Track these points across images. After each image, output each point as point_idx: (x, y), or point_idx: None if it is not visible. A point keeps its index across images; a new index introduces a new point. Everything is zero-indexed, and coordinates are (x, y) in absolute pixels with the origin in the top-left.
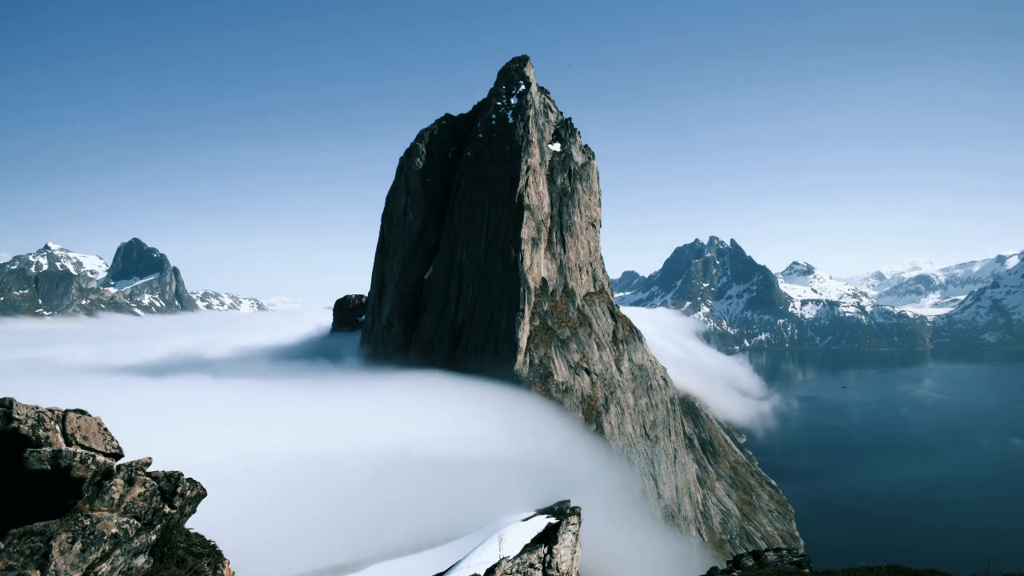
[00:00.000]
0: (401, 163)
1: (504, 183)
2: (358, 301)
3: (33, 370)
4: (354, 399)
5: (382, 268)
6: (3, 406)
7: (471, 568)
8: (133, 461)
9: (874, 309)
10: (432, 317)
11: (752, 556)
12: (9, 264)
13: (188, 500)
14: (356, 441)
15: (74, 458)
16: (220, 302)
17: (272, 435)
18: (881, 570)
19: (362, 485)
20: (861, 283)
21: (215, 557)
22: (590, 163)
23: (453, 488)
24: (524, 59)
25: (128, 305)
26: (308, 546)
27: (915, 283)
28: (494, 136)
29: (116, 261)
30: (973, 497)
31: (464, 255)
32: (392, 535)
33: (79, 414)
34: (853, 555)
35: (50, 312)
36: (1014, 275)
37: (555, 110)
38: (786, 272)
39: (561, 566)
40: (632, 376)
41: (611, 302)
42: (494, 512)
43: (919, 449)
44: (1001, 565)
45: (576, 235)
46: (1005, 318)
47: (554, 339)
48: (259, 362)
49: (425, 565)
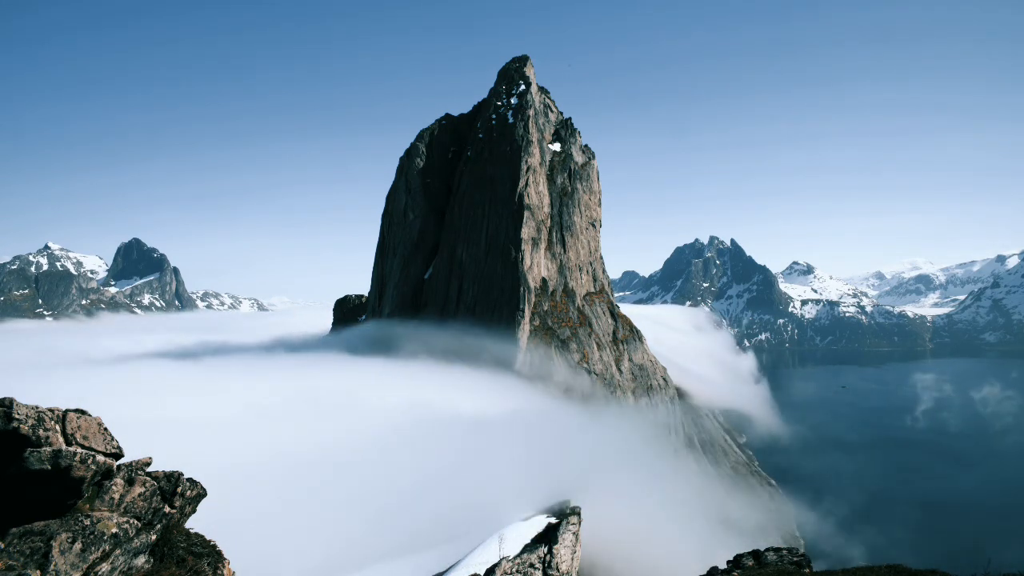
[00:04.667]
0: (401, 163)
1: (504, 183)
2: (358, 301)
3: (35, 367)
4: (353, 398)
5: (382, 268)
6: (3, 406)
7: (471, 568)
8: (133, 461)
9: (874, 309)
10: (432, 317)
11: (752, 556)
12: (9, 264)
13: (188, 500)
14: (356, 440)
15: (74, 458)
16: (220, 302)
17: (272, 435)
18: (881, 570)
19: (362, 484)
20: (861, 283)
21: (215, 557)
22: (590, 163)
23: (453, 488)
24: (524, 59)
25: (128, 305)
26: (308, 546)
27: (915, 283)
28: (494, 136)
29: (116, 261)
30: (973, 497)
31: (464, 255)
32: (392, 535)
33: (79, 414)
34: (853, 555)
35: (50, 312)
36: (1014, 275)
37: (555, 110)
38: (786, 272)
39: (561, 566)
40: (632, 376)
41: (611, 302)
42: (494, 512)
43: (919, 449)
44: (1001, 565)
45: (576, 235)
46: (1005, 318)
47: (554, 339)
48: (259, 362)
49: (425, 565)
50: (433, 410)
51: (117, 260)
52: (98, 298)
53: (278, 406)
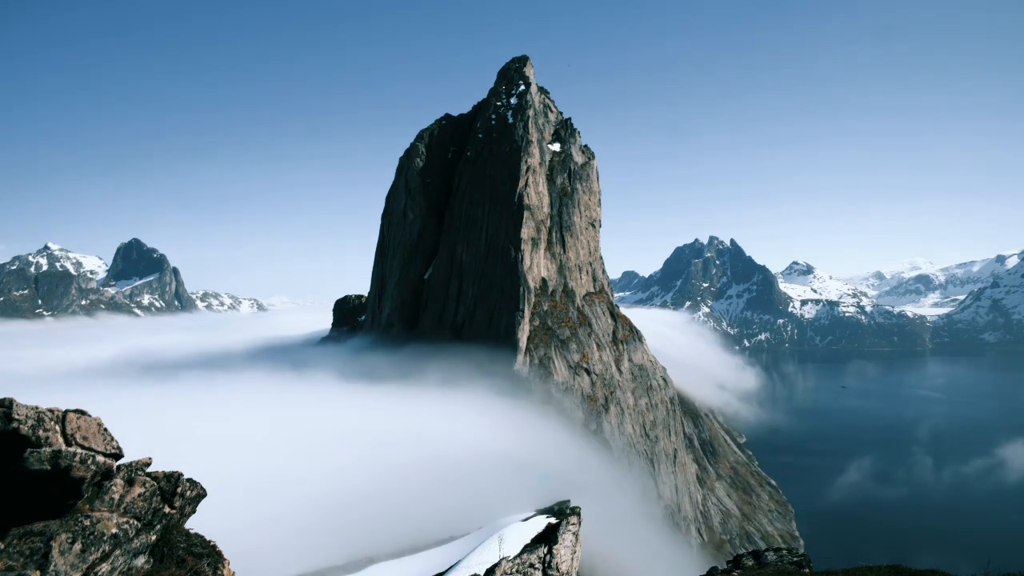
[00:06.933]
0: (401, 163)
1: (504, 183)
2: (358, 301)
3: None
4: (352, 399)
5: (382, 268)
6: (3, 406)
7: (471, 568)
8: (133, 461)
9: (874, 309)
10: (432, 317)
11: (752, 556)
12: (9, 264)
13: (188, 500)
14: (356, 441)
15: (74, 458)
16: (220, 302)
17: (271, 435)
18: (881, 570)
19: (361, 485)
20: (861, 283)
21: (215, 557)
22: (590, 163)
23: (453, 488)
24: (524, 59)
25: (128, 305)
26: (308, 546)
27: (915, 283)
28: (494, 136)
29: (116, 261)
30: (973, 497)
31: (464, 255)
32: (392, 535)
33: (79, 414)
34: (853, 555)
35: (50, 312)
36: (1014, 275)
37: (555, 110)
38: (786, 272)
39: (561, 566)
40: (632, 376)
41: (611, 302)
42: (494, 512)
43: (919, 449)
44: (1001, 565)
45: (576, 235)
46: (1005, 318)
47: (554, 339)
48: (259, 362)
49: (425, 565)
50: (433, 410)
51: (117, 260)
52: (98, 298)
53: (278, 408)
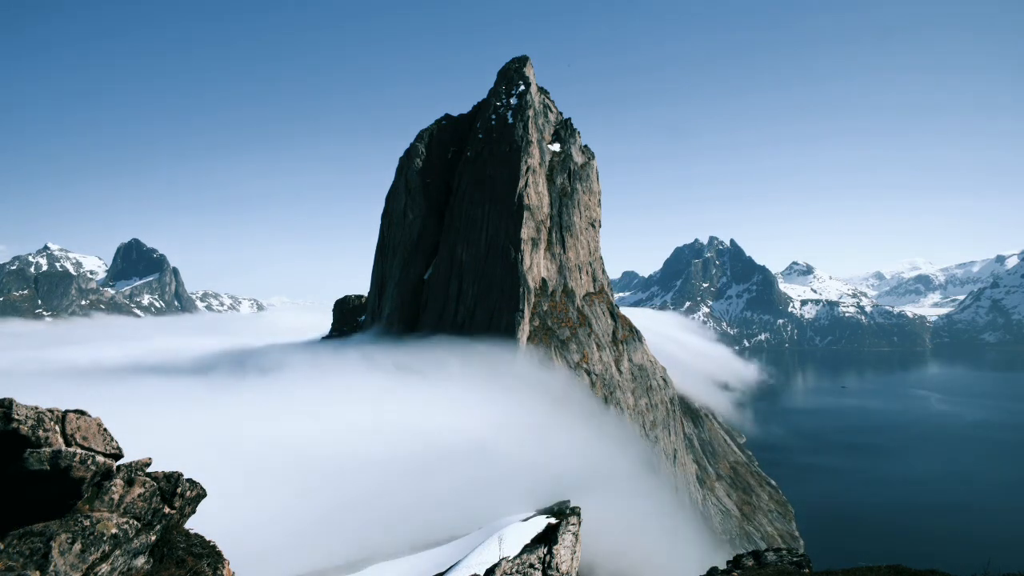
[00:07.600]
0: (401, 163)
1: (504, 183)
2: (358, 301)
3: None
4: (352, 399)
5: (382, 268)
6: (3, 406)
7: (471, 568)
8: (133, 461)
9: (874, 309)
10: (432, 317)
11: (752, 556)
12: (9, 264)
13: (188, 500)
14: (355, 440)
15: (74, 458)
16: (220, 302)
17: (271, 435)
18: (881, 570)
19: (361, 485)
20: (861, 283)
21: (215, 557)
22: (590, 163)
23: (453, 488)
24: (524, 59)
25: (127, 305)
26: (307, 546)
27: (915, 283)
28: (494, 136)
29: (116, 261)
30: (973, 497)
31: (464, 255)
32: (392, 535)
33: (79, 414)
34: (853, 555)
35: (50, 312)
36: (1014, 275)
37: (555, 110)
38: (786, 272)
39: (561, 566)
40: (632, 376)
41: (611, 302)
42: (494, 512)
43: (919, 449)
44: (1001, 565)
45: (576, 235)
46: (1005, 318)
47: (554, 339)
48: (259, 362)
49: (425, 565)
50: (433, 411)
51: (116, 261)
52: (97, 299)
53: (277, 408)
